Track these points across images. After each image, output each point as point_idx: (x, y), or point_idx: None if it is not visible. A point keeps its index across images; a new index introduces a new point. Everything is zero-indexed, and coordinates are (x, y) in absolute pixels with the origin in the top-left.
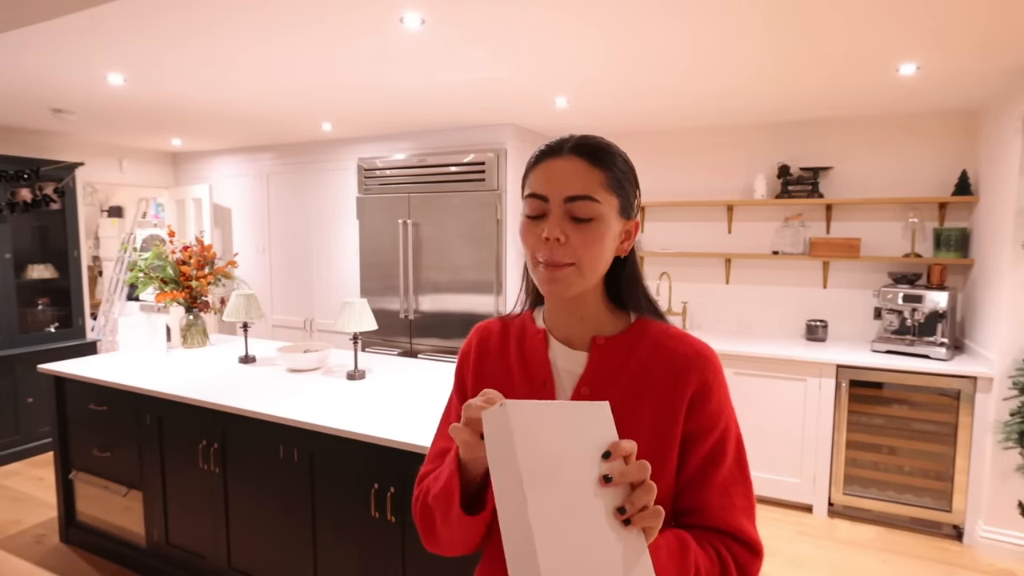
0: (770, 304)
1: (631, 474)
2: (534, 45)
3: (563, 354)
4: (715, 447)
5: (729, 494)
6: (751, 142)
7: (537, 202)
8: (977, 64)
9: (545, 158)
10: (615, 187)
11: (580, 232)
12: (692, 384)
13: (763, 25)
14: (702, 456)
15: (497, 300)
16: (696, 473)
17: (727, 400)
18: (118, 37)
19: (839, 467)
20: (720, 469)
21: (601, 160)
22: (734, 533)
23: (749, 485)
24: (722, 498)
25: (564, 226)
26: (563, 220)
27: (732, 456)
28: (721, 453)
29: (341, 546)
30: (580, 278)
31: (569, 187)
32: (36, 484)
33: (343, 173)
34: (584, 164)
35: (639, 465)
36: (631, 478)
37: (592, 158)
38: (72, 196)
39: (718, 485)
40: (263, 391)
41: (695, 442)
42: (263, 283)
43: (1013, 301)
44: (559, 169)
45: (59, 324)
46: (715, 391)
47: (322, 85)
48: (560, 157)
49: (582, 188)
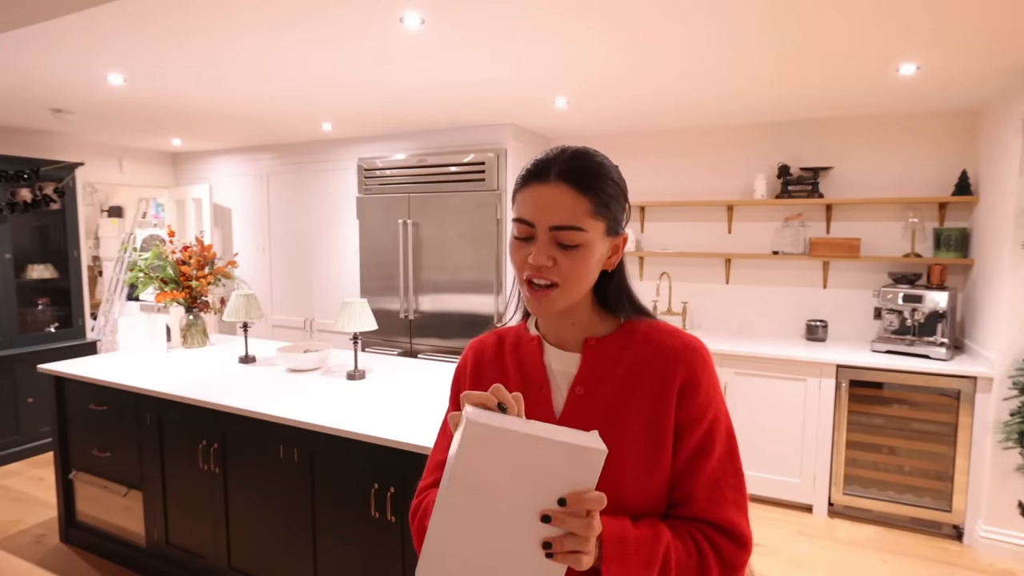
0: (770, 304)
1: (572, 525)
2: (534, 46)
3: (557, 357)
4: (704, 439)
5: (718, 486)
6: (751, 142)
7: (524, 226)
8: (977, 64)
9: (532, 181)
10: (602, 212)
11: (566, 257)
12: (680, 375)
13: (762, 26)
14: (691, 448)
15: (497, 300)
16: (686, 465)
17: (716, 392)
18: (118, 37)
19: (839, 467)
20: (708, 460)
21: (588, 187)
22: (719, 524)
23: (740, 477)
24: (709, 490)
25: (551, 251)
26: (549, 246)
27: (721, 448)
28: (710, 445)
29: (341, 546)
30: (565, 297)
31: (555, 216)
32: (36, 484)
33: (343, 173)
34: (571, 192)
35: (585, 523)
36: (570, 528)
37: (579, 185)
38: (72, 196)
39: (706, 477)
40: (263, 391)
41: (684, 434)
42: (263, 283)
43: (1013, 301)
44: (546, 197)
45: (59, 324)
46: (703, 382)
47: (322, 85)
48: (547, 184)
49: (568, 218)
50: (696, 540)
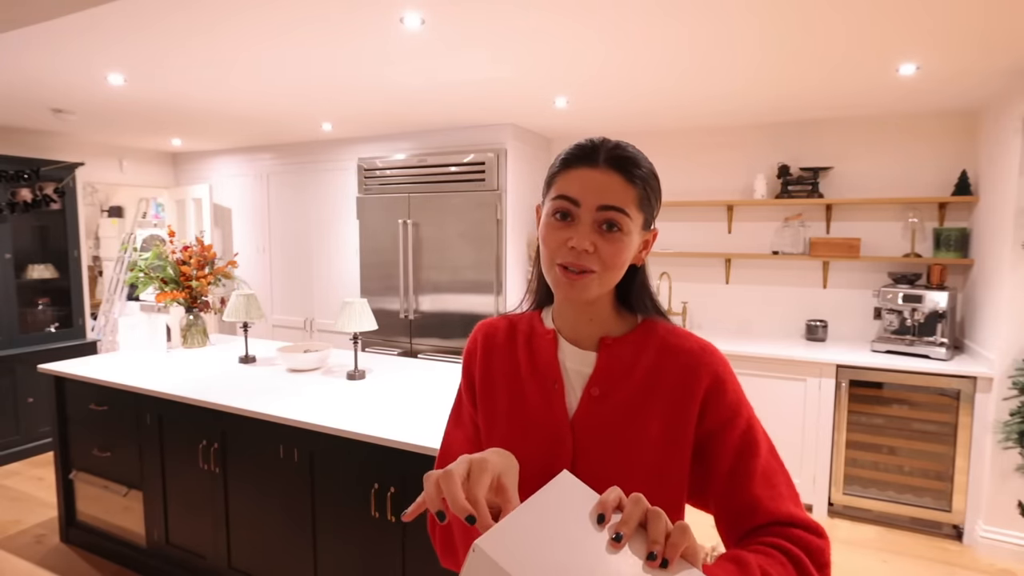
0: (770, 304)
1: (634, 517)
2: (534, 46)
3: (572, 355)
4: (744, 437)
5: (774, 484)
6: (751, 142)
7: (567, 203)
8: (977, 64)
9: (579, 164)
10: (644, 204)
11: (607, 242)
12: (704, 378)
13: (762, 26)
14: (733, 449)
15: (497, 300)
16: (733, 468)
17: (742, 392)
18: (118, 37)
19: (839, 467)
20: (757, 459)
21: (636, 177)
22: (792, 521)
23: (788, 474)
24: (768, 488)
25: (592, 236)
26: (592, 229)
27: (765, 445)
28: (753, 442)
29: (341, 546)
30: (600, 286)
31: (605, 196)
32: (36, 484)
33: (343, 173)
34: (620, 179)
35: (633, 501)
36: (636, 520)
37: (628, 174)
38: (72, 196)
39: (760, 476)
40: (263, 391)
41: (721, 435)
42: (263, 283)
43: (1013, 301)
44: (595, 179)
45: (59, 324)
46: (728, 382)
47: (322, 85)
48: (596, 167)
49: (617, 200)
50: (781, 548)
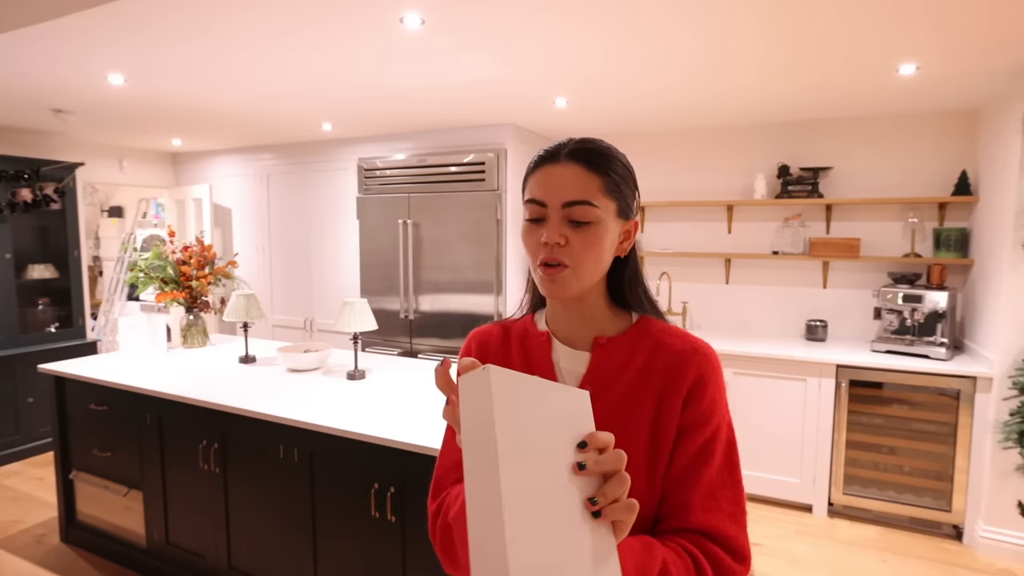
0: (770, 304)
1: (605, 463)
2: (534, 46)
3: (566, 355)
4: (704, 446)
5: (715, 497)
6: (751, 142)
7: (536, 207)
8: (977, 64)
9: (543, 164)
10: (612, 191)
11: (579, 235)
12: (688, 378)
13: (762, 25)
14: (690, 454)
15: (497, 300)
16: (682, 471)
17: (722, 400)
18: (118, 37)
19: (839, 467)
20: (707, 469)
21: (598, 165)
22: (716, 535)
23: (740, 491)
24: (706, 499)
25: (563, 230)
26: (562, 224)
27: (721, 459)
28: (709, 453)
29: (341, 546)
30: (577, 279)
31: (567, 192)
32: (36, 484)
33: (343, 173)
34: (581, 170)
35: (615, 455)
36: (605, 467)
37: (589, 163)
38: (72, 196)
39: (704, 485)
40: (263, 391)
41: (685, 438)
42: (263, 283)
43: (1013, 301)
44: (557, 175)
45: (59, 324)
46: (710, 388)
47: (322, 85)
48: (558, 163)
49: (580, 193)
50: (692, 554)
